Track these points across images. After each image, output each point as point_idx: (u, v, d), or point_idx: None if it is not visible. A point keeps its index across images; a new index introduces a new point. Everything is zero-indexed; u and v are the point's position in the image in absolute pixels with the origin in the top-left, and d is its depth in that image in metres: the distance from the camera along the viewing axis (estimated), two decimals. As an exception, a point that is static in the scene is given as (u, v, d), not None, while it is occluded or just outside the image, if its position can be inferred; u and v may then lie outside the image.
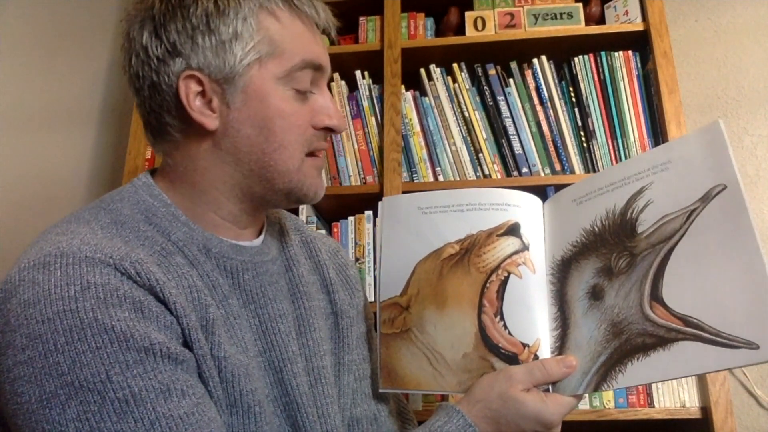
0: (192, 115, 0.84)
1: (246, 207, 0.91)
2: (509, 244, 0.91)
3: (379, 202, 1.04)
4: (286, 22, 0.86)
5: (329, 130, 0.91)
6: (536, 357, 0.87)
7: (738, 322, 0.75)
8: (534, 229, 0.93)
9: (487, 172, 1.84)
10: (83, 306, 0.70)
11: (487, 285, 0.90)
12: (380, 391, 0.99)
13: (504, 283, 0.90)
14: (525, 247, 0.91)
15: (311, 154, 0.90)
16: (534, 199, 0.95)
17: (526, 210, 0.93)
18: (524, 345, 0.88)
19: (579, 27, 1.89)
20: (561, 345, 0.88)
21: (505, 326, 0.89)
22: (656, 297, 0.82)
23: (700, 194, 0.81)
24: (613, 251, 0.86)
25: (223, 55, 0.83)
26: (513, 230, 0.92)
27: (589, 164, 1.81)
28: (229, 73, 0.84)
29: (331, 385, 0.95)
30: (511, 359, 0.88)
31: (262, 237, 0.96)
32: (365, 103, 1.93)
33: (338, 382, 0.99)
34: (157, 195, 0.88)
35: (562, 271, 0.90)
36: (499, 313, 0.89)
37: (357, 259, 1.81)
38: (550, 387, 0.86)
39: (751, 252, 0.76)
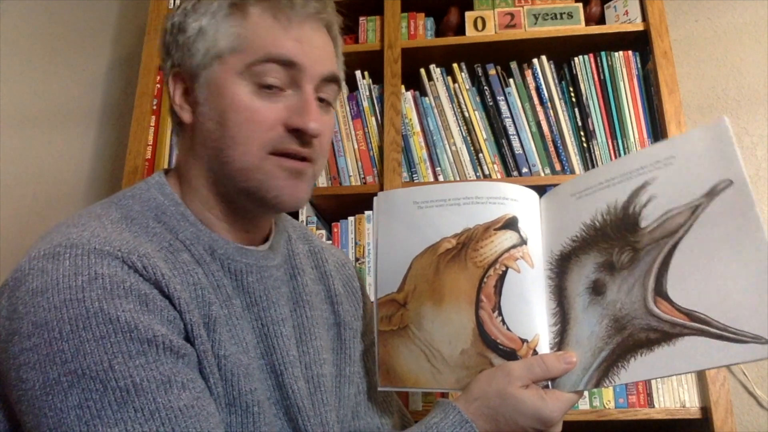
0: (174, 109, 0.90)
1: (230, 208, 0.90)
2: (507, 238, 0.90)
3: (374, 197, 1.02)
4: (254, 17, 0.85)
5: (300, 134, 0.85)
6: (535, 353, 0.86)
7: (745, 317, 0.75)
8: (531, 224, 0.92)
9: (487, 172, 1.83)
10: (89, 296, 0.71)
11: (485, 280, 0.89)
12: (378, 389, 0.98)
13: (502, 278, 0.89)
14: (523, 241, 0.90)
15: (280, 154, 0.85)
16: (531, 193, 0.94)
17: (523, 204, 0.92)
18: (523, 341, 0.87)
19: (579, 27, 1.89)
20: (560, 341, 0.87)
21: (503, 322, 0.88)
22: (660, 292, 0.81)
23: (706, 189, 0.81)
24: (614, 246, 0.86)
25: (190, 52, 0.87)
26: (511, 224, 0.90)
27: (589, 164, 1.81)
28: (195, 68, 0.87)
29: (330, 393, 0.95)
30: (510, 355, 0.87)
31: (269, 243, 0.97)
32: (365, 103, 1.93)
33: (338, 393, 0.99)
34: (168, 194, 0.89)
35: (561, 265, 0.90)
36: (497, 308, 0.88)
37: (357, 259, 1.81)
38: (549, 383, 0.85)
39: (758, 247, 0.76)
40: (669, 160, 0.84)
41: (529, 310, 0.88)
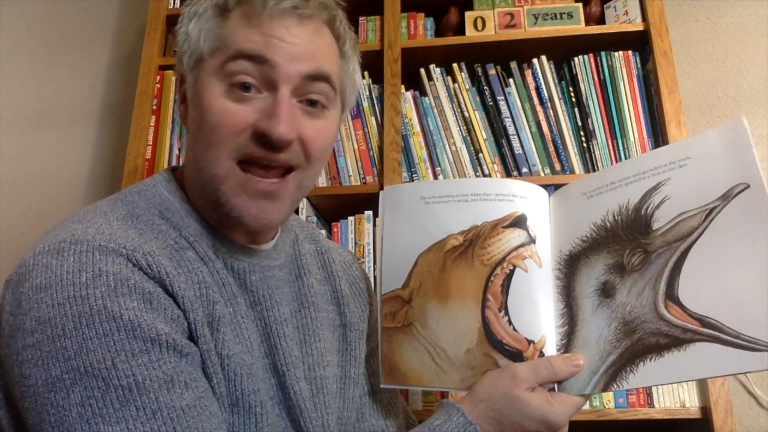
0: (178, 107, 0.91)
1: (219, 212, 0.87)
2: (515, 236, 0.89)
3: (380, 191, 1.01)
4: (232, 19, 0.84)
5: (267, 139, 0.80)
6: (542, 354, 0.85)
7: (759, 324, 0.73)
8: (540, 222, 0.91)
9: (487, 172, 1.83)
10: (93, 293, 0.70)
11: (492, 278, 0.88)
12: (381, 386, 0.97)
13: (509, 277, 0.87)
14: (531, 240, 0.89)
15: (249, 162, 0.82)
16: (540, 191, 0.93)
17: (532, 202, 0.91)
18: (529, 342, 0.86)
19: (579, 27, 1.89)
20: (568, 342, 0.86)
21: (509, 322, 0.87)
22: (671, 296, 0.80)
23: (721, 192, 0.79)
24: (625, 248, 0.84)
25: (181, 55, 0.88)
26: (519, 222, 0.89)
27: (589, 164, 1.81)
28: (185, 70, 0.87)
29: (333, 396, 0.95)
30: (516, 356, 0.86)
31: (273, 242, 0.96)
32: (365, 103, 1.93)
33: (343, 395, 0.98)
34: (174, 191, 0.89)
35: (570, 266, 0.88)
36: (504, 307, 0.87)
37: (357, 259, 1.80)
38: (555, 386, 0.85)
39: None
40: (684, 161, 0.83)
41: (537, 311, 0.87)
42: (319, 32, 0.86)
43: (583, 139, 1.83)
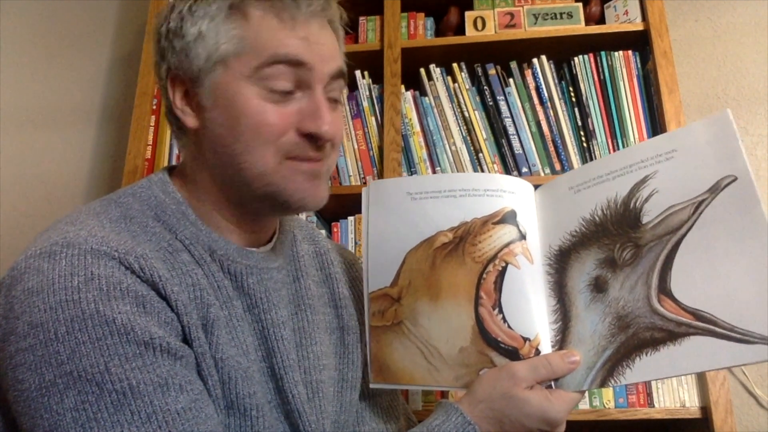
0: (176, 112, 0.87)
1: (241, 211, 0.89)
2: (506, 232, 0.88)
3: (363, 188, 1.00)
4: (256, 19, 0.82)
5: (314, 138, 0.83)
6: (538, 351, 0.85)
7: (752, 317, 0.74)
8: (529, 217, 0.90)
9: (487, 172, 1.83)
10: (86, 297, 0.70)
11: (484, 276, 0.87)
12: (371, 386, 0.96)
13: (501, 274, 0.87)
14: (522, 236, 0.88)
15: (295, 159, 0.84)
16: (526, 185, 0.92)
17: (520, 196, 0.90)
18: (525, 339, 0.85)
19: (579, 27, 1.89)
20: (562, 339, 0.86)
21: (504, 319, 0.86)
22: (664, 290, 0.80)
23: (709, 185, 0.79)
24: (616, 242, 0.84)
25: (189, 57, 0.85)
26: (509, 218, 0.88)
27: (589, 164, 1.81)
28: (197, 72, 0.84)
29: (329, 400, 0.94)
30: (512, 354, 0.85)
31: (271, 244, 0.95)
32: (365, 103, 1.93)
33: (340, 398, 0.97)
34: (170, 192, 0.88)
35: (560, 261, 0.88)
36: (498, 305, 0.86)
37: (358, 260, 1.80)
38: (552, 383, 0.84)
39: (763, 244, 0.75)
40: (670, 153, 0.83)
41: (530, 308, 0.86)
42: (334, 32, 0.90)
43: (583, 139, 1.83)
